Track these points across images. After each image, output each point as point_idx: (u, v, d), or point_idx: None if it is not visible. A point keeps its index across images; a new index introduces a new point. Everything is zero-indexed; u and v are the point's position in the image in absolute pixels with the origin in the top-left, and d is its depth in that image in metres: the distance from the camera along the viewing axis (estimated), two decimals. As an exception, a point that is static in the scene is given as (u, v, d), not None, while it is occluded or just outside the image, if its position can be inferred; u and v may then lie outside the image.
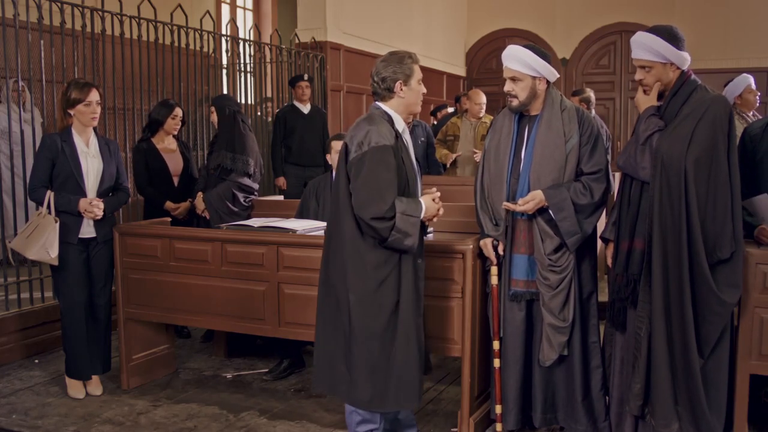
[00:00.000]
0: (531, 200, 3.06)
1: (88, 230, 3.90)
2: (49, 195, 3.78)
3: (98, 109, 3.87)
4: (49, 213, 3.77)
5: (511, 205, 3.10)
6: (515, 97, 3.15)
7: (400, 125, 2.94)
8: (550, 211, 3.08)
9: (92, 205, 3.81)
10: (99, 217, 3.85)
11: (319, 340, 3.00)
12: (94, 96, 3.84)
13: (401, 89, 2.89)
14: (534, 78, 3.12)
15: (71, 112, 3.85)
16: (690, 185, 2.80)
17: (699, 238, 2.80)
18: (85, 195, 3.84)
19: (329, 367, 2.96)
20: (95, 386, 4.01)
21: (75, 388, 3.97)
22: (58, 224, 3.76)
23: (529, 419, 3.30)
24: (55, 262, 3.79)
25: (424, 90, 2.98)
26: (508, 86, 3.16)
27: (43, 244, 3.74)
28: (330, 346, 2.96)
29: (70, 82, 3.91)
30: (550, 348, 3.14)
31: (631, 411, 3.01)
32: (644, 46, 2.93)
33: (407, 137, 2.98)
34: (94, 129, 3.95)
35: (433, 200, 2.89)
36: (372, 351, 2.86)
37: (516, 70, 3.12)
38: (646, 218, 2.93)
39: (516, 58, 3.12)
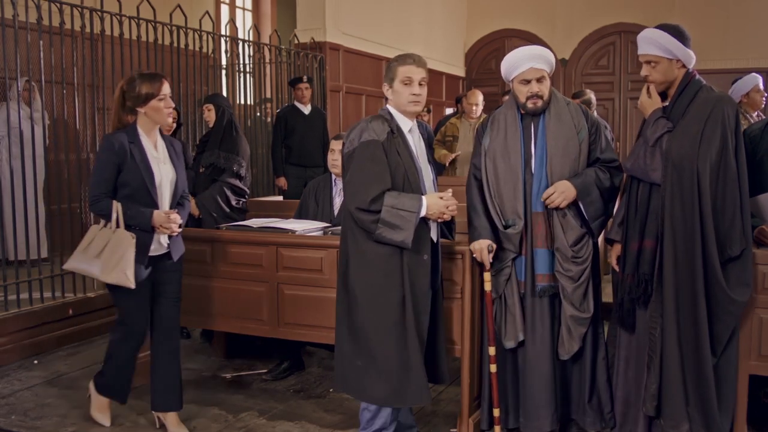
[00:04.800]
0: (565, 190, 3.05)
1: (157, 247, 3.30)
2: (117, 207, 3.19)
3: (172, 104, 3.32)
4: (117, 227, 3.20)
5: (557, 201, 3.06)
6: (541, 97, 3.12)
7: (405, 124, 3.01)
8: (578, 199, 3.08)
9: (170, 220, 3.23)
10: (176, 234, 3.31)
11: (336, 338, 3.07)
12: (167, 88, 3.25)
13: (388, 90, 3.01)
14: (550, 76, 3.17)
15: (141, 110, 3.23)
16: (703, 186, 2.82)
17: (712, 238, 2.82)
18: (157, 208, 3.25)
19: (344, 365, 3.01)
20: (175, 424, 3.44)
21: (102, 410, 3.53)
22: (135, 241, 3.17)
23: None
24: (133, 286, 3.17)
25: (414, 91, 2.95)
26: (534, 87, 3.10)
27: (120, 264, 3.16)
28: (344, 344, 3.01)
29: (133, 76, 3.29)
30: (570, 340, 3.12)
31: (647, 411, 3.01)
32: (651, 41, 2.94)
33: (413, 136, 3.03)
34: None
35: (441, 198, 2.91)
36: (385, 346, 2.90)
37: (544, 70, 3.12)
38: (657, 218, 2.93)
39: (542, 58, 3.11)
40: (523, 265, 3.16)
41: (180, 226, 3.30)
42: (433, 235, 3.02)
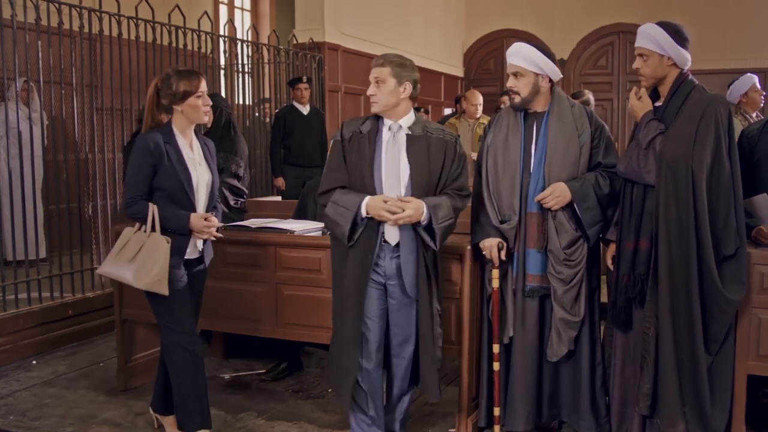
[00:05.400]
0: (560, 194, 3.05)
1: (192, 251, 3.18)
2: (153, 209, 3.03)
3: (210, 102, 3.18)
4: (152, 231, 3.04)
5: (550, 203, 3.06)
6: (517, 93, 3.15)
7: (386, 123, 3.03)
8: (574, 203, 3.08)
9: (209, 224, 3.11)
10: (214, 238, 3.20)
11: None
12: (204, 85, 3.11)
13: None
14: (537, 75, 3.13)
15: (178, 107, 3.08)
16: (698, 187, 2.82)
17: (708, 238, 2.82)
18: (194, 211, 3.12)
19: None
20: (174, 426, 3.30)
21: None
22: (170, 246, 3.02)
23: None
24: (166, 293, 3.03)
25: (369, 92, 3.00)
26: (510, 82, 3.17)
27: (155, 270, 2.99)
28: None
29: (168, 73, 3.12)
30: (560, 343, 3.13)
31: (640, 411, 3.02)
32: (647, 35, 2.96)
33: (391, 135, 3.00)
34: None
35: (384, 201, 2.88)
36: (333, 341, 3.07)
37: (519, 66, 3.13)
38: (652, 219, 2.94)
39: (520, 54, 3.13)
40: (515, 262, 3.18)
41: (217, 230, 3.16)
42: (390, 238, 2.97)
